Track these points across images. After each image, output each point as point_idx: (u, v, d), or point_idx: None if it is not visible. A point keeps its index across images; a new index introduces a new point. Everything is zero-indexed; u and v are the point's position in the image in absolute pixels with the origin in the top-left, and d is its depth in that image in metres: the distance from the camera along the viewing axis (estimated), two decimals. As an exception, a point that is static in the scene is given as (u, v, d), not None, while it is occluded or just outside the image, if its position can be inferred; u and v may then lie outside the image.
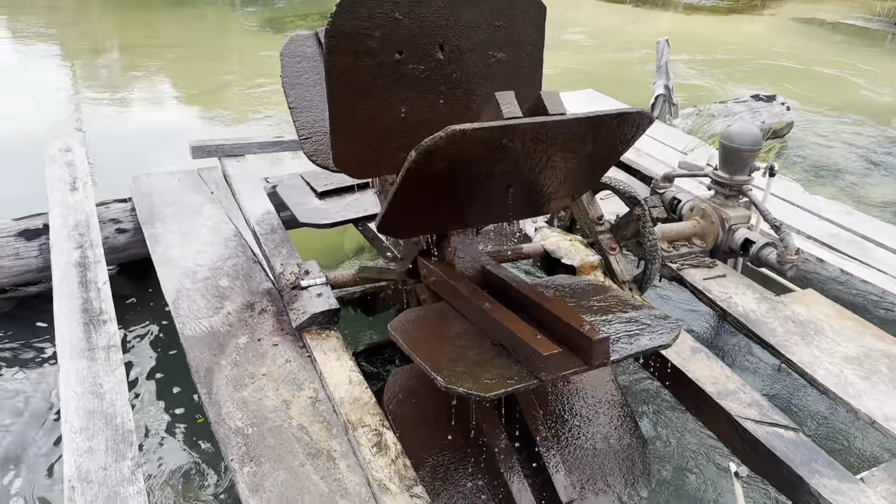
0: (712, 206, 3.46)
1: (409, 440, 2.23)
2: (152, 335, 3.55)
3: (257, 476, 2.10)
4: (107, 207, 3.81)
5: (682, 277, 3.28)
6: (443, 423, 2.24)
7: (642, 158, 4.85)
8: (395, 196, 2.04)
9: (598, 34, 11.90)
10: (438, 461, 2.29)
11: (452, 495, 2.23)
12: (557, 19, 12.81)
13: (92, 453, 2.19)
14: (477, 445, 2.30)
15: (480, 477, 2.28)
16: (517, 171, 2.13)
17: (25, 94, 7.51)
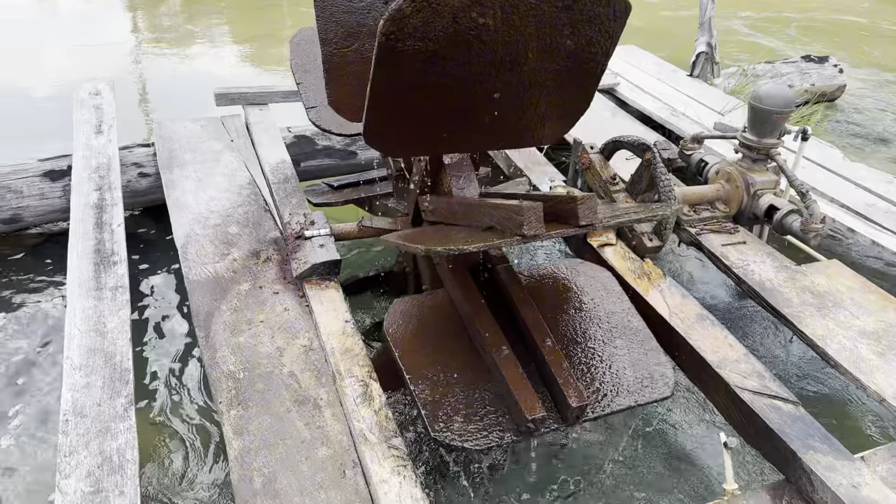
0: (738, 169, 3.32)
1: (410, 360, 2.20)
2: (166, 278, 3.62)
3: (243, 419, 2.13)
4: (130, 151, 3.86)
5: (700, 242, 3.17)
6: (444, 343, 2.24)
7: (678, 119, 4.68)
8: (372, 88, 1.95)
9: None
10: (439, 377, 2.23)
11: (453, 405, 2.16)
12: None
13: (89, 389, 2.25)
14: (480, 359, 2.26)
15: (485, 388, 2.22)
16: (498, 71, 2.00)
17: (86, 39, 7.64)
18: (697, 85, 5.27)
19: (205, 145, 3.75)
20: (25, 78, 6.42)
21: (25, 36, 7.76)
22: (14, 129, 5.33)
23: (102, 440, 2.07)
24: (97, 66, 6.78)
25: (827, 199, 3.74)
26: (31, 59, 7.00)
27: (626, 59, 5.69)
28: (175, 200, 3.25)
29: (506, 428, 2.06)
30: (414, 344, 2.23)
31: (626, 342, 2.34)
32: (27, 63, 6.87)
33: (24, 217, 3.62)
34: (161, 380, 3.00)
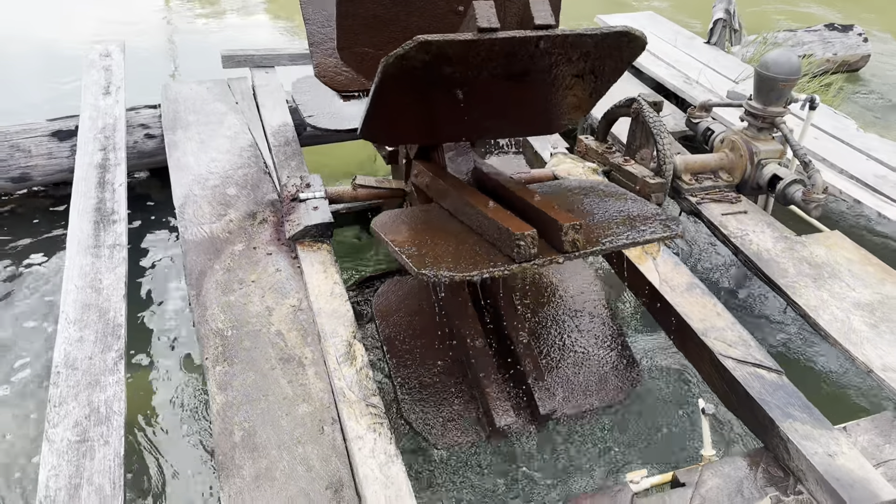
0: (743, 138, 3.27)
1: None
2: (168, 238, 3.67)
3: (228, 375, 2.18)
4: (137, 112, 3.90)
5: (700, 211, 3.14)
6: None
7: (690, 87, 4.60)
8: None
9: None
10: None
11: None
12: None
13: (81, 343, 2.31)
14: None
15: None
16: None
17: None
18: (714, 53, 5.16)
19: (209, 107, 3.77)
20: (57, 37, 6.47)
21: None
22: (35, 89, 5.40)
23: (91, 392, 2.13)
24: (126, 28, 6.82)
25: (837, 170, 3.67)
26: (64, 19, 7.05)
27: (643, 26, 5.57)
28: (176, 161, 3.28)
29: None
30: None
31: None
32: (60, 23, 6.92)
33: (33, 176, 3.69)
34: (154, 335, 3.07)
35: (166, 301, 3.28)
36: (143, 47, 6.33)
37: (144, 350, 3.00)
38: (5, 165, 3.61)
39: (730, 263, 3.55)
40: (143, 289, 3.35)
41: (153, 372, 2.89)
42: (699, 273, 3.48)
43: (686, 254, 3.65)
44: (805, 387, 2.24)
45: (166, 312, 3.21)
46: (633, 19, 5.71)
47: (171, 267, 3.49)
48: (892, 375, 2.28)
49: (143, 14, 7.33)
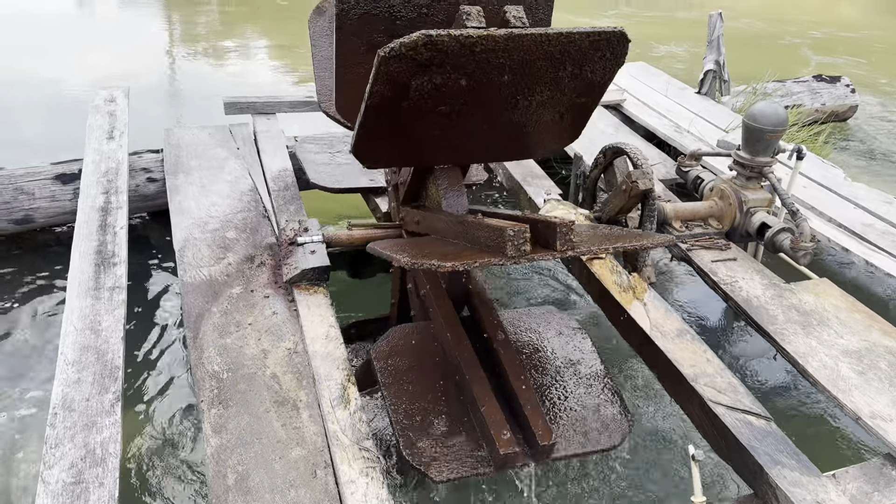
0: (732, 186, 3.34)
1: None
2: (167, 280, 3.72)
3: (222, 418, 2.20)
4: (139, 157, 3.98)
5: (690, 258, 3.20)
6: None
7: (681, 136, 4.71)
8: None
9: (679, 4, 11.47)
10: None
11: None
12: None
13: (79, 385, 2.33)
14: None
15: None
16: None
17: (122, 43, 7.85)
18: (704, 102, 5.29)
19: (211, 152, 3.85)
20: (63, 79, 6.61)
21: (68, 41, 7.96)
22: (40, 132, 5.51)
23: (88, 434, 2.15)
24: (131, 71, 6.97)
25: (825, 219, 3.74)
26: (70, 63, 7.20)
27: (635, 76, 5.73)
28: (177, 205, 3.34)
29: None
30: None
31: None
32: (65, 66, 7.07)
33: (36, 218, 3.75)
34: (152, 378, 3.09)
35: (164, 343, 3.31)
36: (147, 91, 6.46)
37: (141, 391, 3.02)
38: (9, 207, 3.67)
39: (719, 310, 3.60)
40: (141, 330, 3.38)
41: (149, 413, 2.91)
42: (689, 318, 3.52)
43: (675, 300, 3.70)
44: (794, 433, 2.27)
45: (164, 354, 3.24)
46: (626, 70, 5.85)
47: (170, 309, 3.52)
48: (881, 423, 2.31)
49: (148, 57, 7.50)
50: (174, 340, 3.32)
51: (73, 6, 9.66)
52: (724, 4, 11.22)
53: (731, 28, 8.90)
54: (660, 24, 10.01)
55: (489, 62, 1.89)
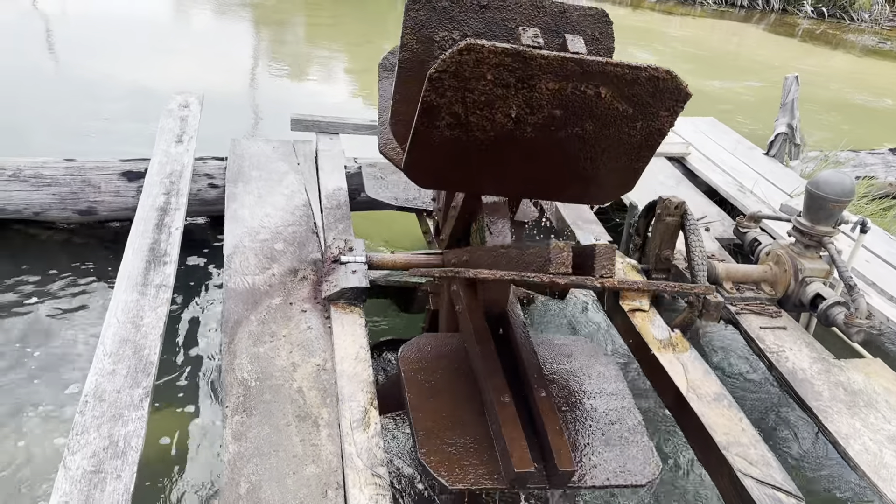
0: (789, 253, 3.24)
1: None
2: (214, 284, 3.80)
3: (244, 426, 2.22)
4: (204, 163, 4.11)
5: (738, 321, 3.10)
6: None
7: (744, 196, 4.60)
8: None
9: (755, 66, 11.31)
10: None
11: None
12: (718, 46, 12.33)
13: (113, 376, 2.39)
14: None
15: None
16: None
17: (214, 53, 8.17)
18: (772, 165, 5.16)
19: (272, 165, 3.94)
20: (150, 82, 6.90)
21: (160, 45, 8.32)
22: (126, 131, 5.75)
23: (113, 425, 2.20)
24: (215, 80, 7.24)
25: (886, 297, 3.58)
26: (161, 65, 7.53)
27: (703, 131, 5.64)
28: (233, 212, 3.43)
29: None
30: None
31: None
32: (156, 68, 7.40)
33: (99, 210, 3.89)
34: (185, 377, 3.15)
35: (203, 344, 3.37)
36: (226, 100, 6.67)
37: (173, 390, 3.08)
38: (75, 198, 3.83)
39: (763, 379, 3.47)
40: (183, 330, 3.45)
41: (177, 412, 2.96)
42: (730, 384, 3.41)
43: (719, 362, 3.59)
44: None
45: (200, 355, 3.30)
46: (694, 124, 5.77)
47: (214, 312, 3.59)
48: (922, 518, 2.18)
49: (231, 68, 7.76)
50: (210, 341, 3.38)
51: (169, 14, 10.09)
52: (809, 68, 11.04)
53: (814, 93, 8.74)
54: (734, 81, 9.88)
55: (539, 87, 1.88)
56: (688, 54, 11.14)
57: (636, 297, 3.04)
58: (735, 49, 12.54)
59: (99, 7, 9.70)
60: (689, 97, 1.99)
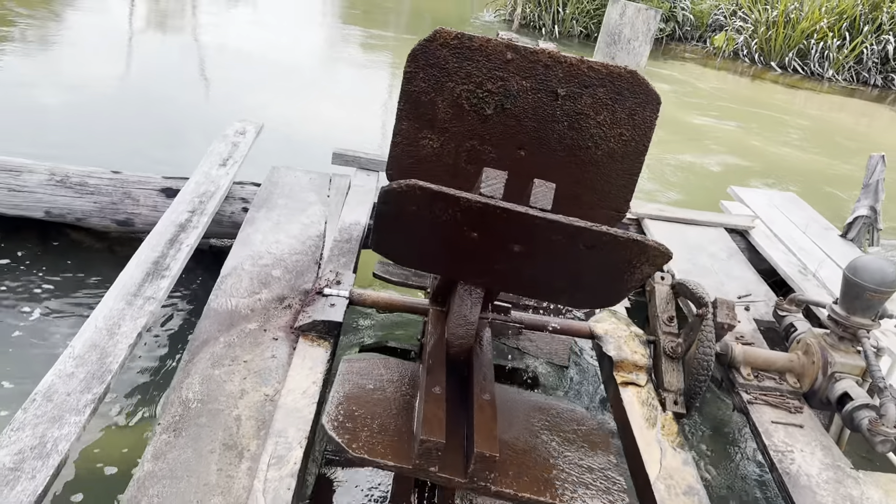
0: (820, 343, 2.90)
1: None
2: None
3: (168, 445, 2.16)
4: (242, 187, 4.20)
5: (748, 411, 2.79)
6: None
7: (804, 279, 4.22)
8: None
9: (818, 132, 10.60)
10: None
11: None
12: (843, 124, 11.65)
13: (70, 379, 2.40)
14: None
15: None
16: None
17: None
18: (846, 248, 4.72)
19: (301, 195, 3.98)
20: (230, 105, 7.23)
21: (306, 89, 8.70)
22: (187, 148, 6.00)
23: (49, 426, 2.19)
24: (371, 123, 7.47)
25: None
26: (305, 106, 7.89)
27: (777, 205, 5.26)
28: (246, 236, 3.46)
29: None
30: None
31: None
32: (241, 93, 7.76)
33: (135, 223, 4.04)
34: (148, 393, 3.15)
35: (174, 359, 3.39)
36: (297, 131, 6.83)
37: (134, 402, 3.09)
38: (115, 208, 3.99)
39: (765, 481, 3.10)
40: (170, 348, 3.48)
41: (127, 424, 2.96)
42: (718, 482, 3.06)
43: (718, 455, 3.24)
44: None
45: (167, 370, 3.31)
46: (769, 199, 5.40)
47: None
48: None
49: (355, 111, 7.95)
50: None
51: (320, 61, 10.44)
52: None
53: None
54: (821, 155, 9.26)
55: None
56: (804, 128, 10.55)
57: (633, 370, 2.80)
58: (864, 130, 11.77)
59: (257, 45, 10.22)
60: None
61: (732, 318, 2.67)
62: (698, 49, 15.42)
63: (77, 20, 9.76)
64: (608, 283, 1.91)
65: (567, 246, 1.75)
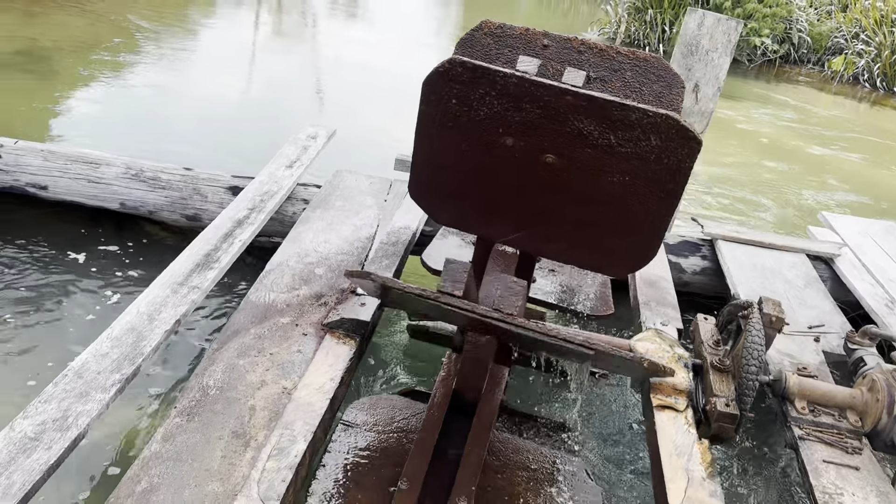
0: (888, 380, 2.64)
1: None
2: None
3: (179, 429, 2.20)
4: (305, 188, 4.28)
5: (798, 448, 2.56)
6: None
7: (891, 314, 3.87)
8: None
9: None
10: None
11: None
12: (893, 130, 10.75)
13: (103, 358, 2.49)
14: None
15: None
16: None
17: None
18: (948, 283, 4.30)
19: (359, 198, 4.01)
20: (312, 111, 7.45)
21: None
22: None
23: (74, 402, 2.28)
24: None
25: None
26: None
27: (870, 233, 4.87)
28: (297, 234, 3.51)
29: None
30: None
31: None
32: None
33: (203, 218, 4.18)
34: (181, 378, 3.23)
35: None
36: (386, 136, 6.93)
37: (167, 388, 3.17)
38: (185, 203, 4.16)
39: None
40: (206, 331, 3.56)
41: (155, 409, 3.03)
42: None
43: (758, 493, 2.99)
44: None
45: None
46: (864, 227, 5.01)
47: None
48: None
49: None
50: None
51: None
52: None
53: None
54: None
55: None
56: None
57: (671, 393, 2.63)
58: None
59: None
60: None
61: (780, 312, 2.51)
62: (814, 73, 14.64)
63: (209, 34, 10.35)
64: (647, 203, 2.02)
65: (599, 144, 1.93)
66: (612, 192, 2.05)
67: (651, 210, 2.06)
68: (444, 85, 1.99)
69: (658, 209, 2.06)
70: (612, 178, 2.04)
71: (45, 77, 7.15)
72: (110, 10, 10.10)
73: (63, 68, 7.46)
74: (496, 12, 15.39)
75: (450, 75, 1.94)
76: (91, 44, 8.49)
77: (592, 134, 1.96)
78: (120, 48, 8.54)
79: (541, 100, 1.93)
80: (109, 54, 8.23)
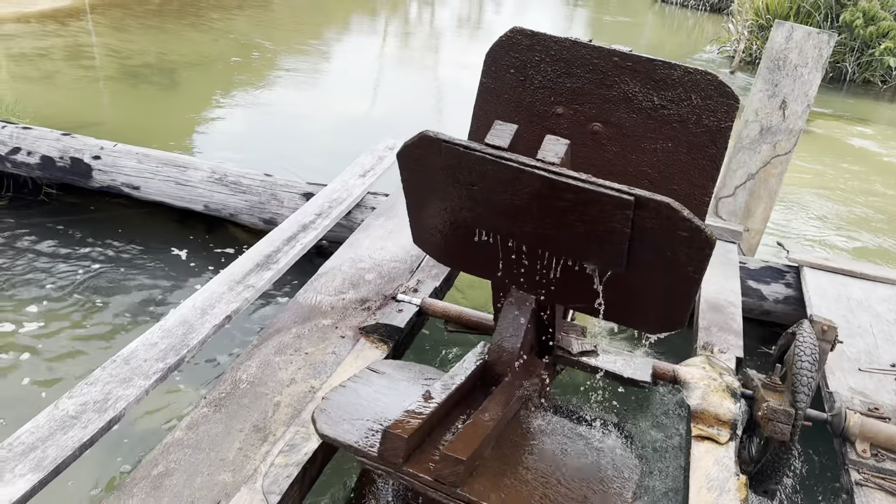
0: (967, 427, 2.37)
1: None
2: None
3: (204, 419, 2.28)
4: (374, 196, 4.36)
5: (853, 494, 2.33)
6: None
7: None
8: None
9: None
10: None
11: None
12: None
13: (152, 348, 2.63)
14: None
15: None
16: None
17: None
18: None
19: (424, 208, 4.03)
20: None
21: None
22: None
23: (117, 386, 2.41)
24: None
25: None
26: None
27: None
28: (355, 240, 3.58)
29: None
30: None
31: None
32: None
33: (278, 221, 4.33)
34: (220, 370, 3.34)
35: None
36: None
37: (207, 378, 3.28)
38: (262, 207, 4.33)
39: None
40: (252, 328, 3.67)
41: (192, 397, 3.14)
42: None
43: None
44: None
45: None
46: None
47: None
48: None
49: None
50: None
51: None
52: None
53: None
54: None
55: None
56: None
57: (714, 423, 2.47)
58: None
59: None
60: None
61: (831, 324, 2.34)
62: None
63: (341, 57, 10.78)
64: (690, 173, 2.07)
65: (642, 107, 2.03)
66: (655, 163, 2.05)
67: (694, 181, 2.03)
68: (505, 55, 2.13)
69: (700, 179, 2.03)
70: (656, 144, 2.07)
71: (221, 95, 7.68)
72: (250, 31, 10.73)
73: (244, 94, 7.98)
74: (624, 37, 15.15)
75: (510, 43, 2.10)
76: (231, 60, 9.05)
77: (637, 97, 2.05)
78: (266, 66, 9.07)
79: (590, 62, 2.06)
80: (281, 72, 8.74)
